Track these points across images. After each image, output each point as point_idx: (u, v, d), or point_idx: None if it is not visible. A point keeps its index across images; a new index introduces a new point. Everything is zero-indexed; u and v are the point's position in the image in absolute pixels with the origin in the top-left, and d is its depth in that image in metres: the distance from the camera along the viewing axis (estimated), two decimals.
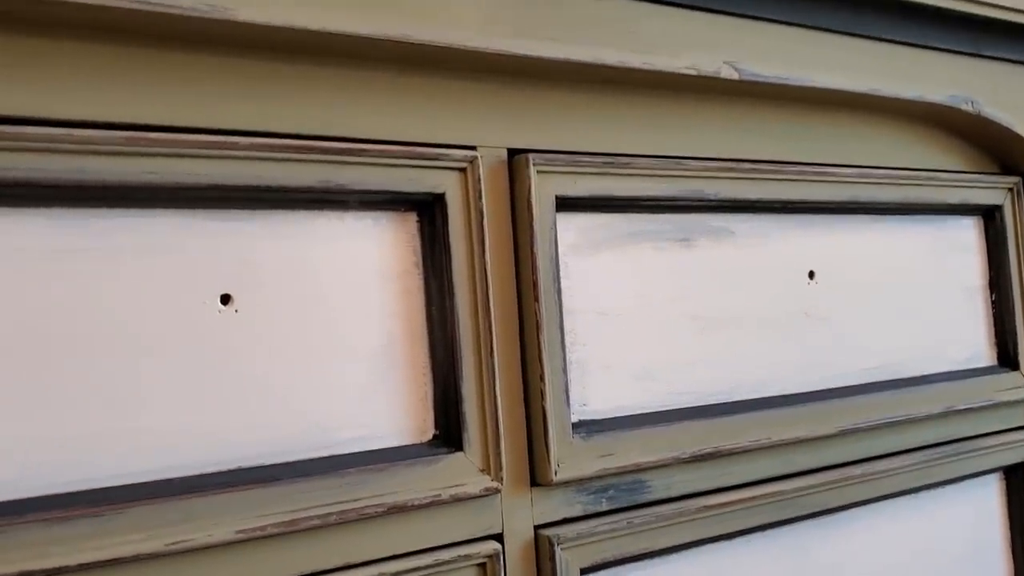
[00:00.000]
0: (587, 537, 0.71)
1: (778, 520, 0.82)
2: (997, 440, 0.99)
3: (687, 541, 0.76)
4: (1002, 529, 1.02)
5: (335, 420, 0.62)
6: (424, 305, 0.65)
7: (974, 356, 1.00)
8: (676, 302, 0.78)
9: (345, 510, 0.60)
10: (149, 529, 0.54)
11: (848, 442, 0.87)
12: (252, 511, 0.57)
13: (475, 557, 0.66)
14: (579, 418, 0.72)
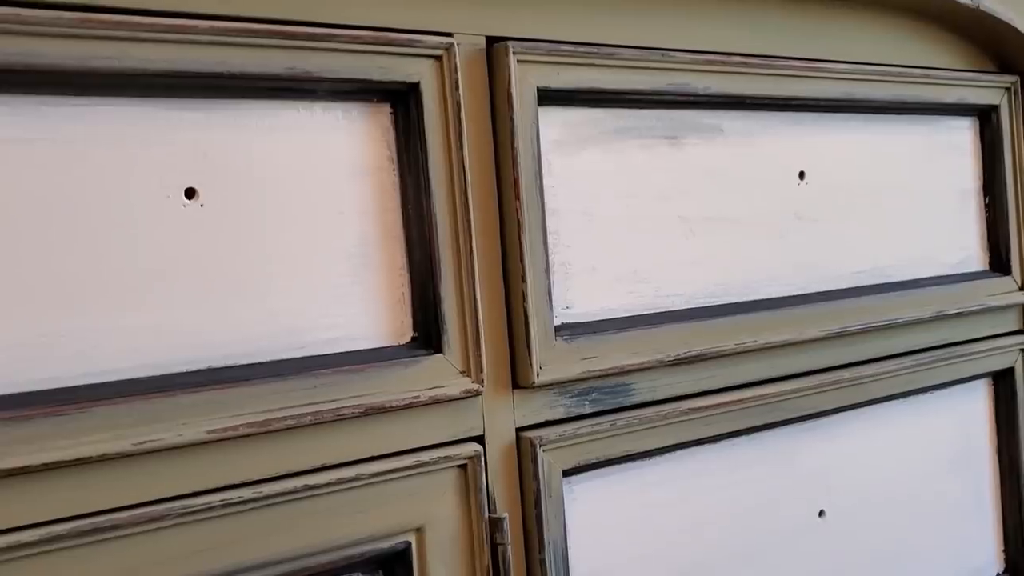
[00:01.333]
0: (569, 439, 0.70)
1: (764, 424, 0.81)
2: (986, 345, 0.98)
3: (671, 444, 0.75)
4: (989, 435, 1.01)
5: (309, 321, 0.60)
6: (400, 203, 0.63)
7: (966, 260, 0.98)
8: (663, 202, 0.76)
9: (321, 411, 0.58)
10: (116, 429, 0.52)
11: (836, 346, 0.86)
12: (224, 411, 0.55)
13: (456, 459, 0.65)
14: (562, 321, 0.70)
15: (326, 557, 0.60)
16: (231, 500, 0.56)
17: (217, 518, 0.56)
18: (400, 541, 0.63)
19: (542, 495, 0.68)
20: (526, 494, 0.68)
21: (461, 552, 0.65)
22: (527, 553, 0.69)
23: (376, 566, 0.63)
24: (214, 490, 0.56)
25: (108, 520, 0.52)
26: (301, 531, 0.59)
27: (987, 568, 1.01)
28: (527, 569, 0.69)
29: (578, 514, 0.72)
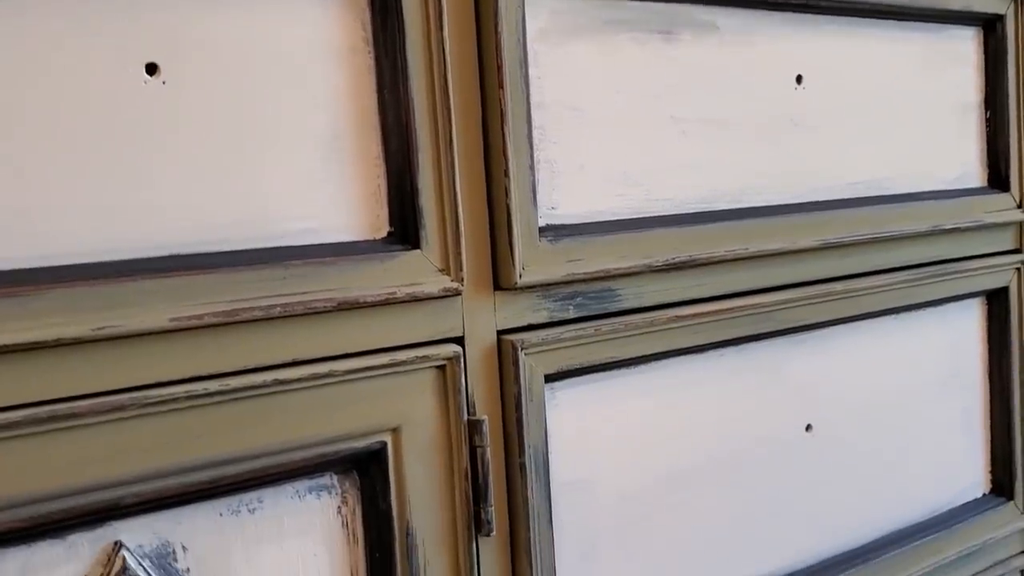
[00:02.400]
0: (552, 343, 0.67)
1: (753, 334, 0.79)
2: (982, 263, 0.96)
3: (657, 352, 0.73)
4: (981, 355, 1.00)
5: (279, 211, 0.57)
6: (375, 87, 0.60)
7: (964, 176, 0.95)
8: (656, 101, 0.73)
9: (290, 303, 0.56)
10: (74, 313, 0.50)
11: (829, 257, 0.84)
12: (188, 299, 0.53)
13: (434, 359, 0.62)
14: (547, 222, 0.68)
15: (299, 454, 0.58)
16: (196, 392, 0.54)
17: (182, 410, 0.54)
18: (375, 441, 0.61)
19: (523, 399, 0.66)
20: (506, 398, 0.66)
21: (439, 454, 0.63)
22: (507, 457, 0.67)
23: (351, 465, 0.61)
24: (179, 381, 0.54)
25: (67, 408, 0.50)
26: (271, 427, 0.57)
27: (973, 489, 1.00)
28: (506, 473, 0.67)
29: (560, 420, 0.70)
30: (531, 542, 0.67)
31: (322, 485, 0.61)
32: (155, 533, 0.55)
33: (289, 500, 0.59)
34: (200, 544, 0.56)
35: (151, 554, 0.55)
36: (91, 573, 0.53)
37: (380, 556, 0.62)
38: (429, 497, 0.63)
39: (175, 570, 0.56)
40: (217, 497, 0.57)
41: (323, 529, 0.61)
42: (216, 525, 0.57)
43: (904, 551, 0.91)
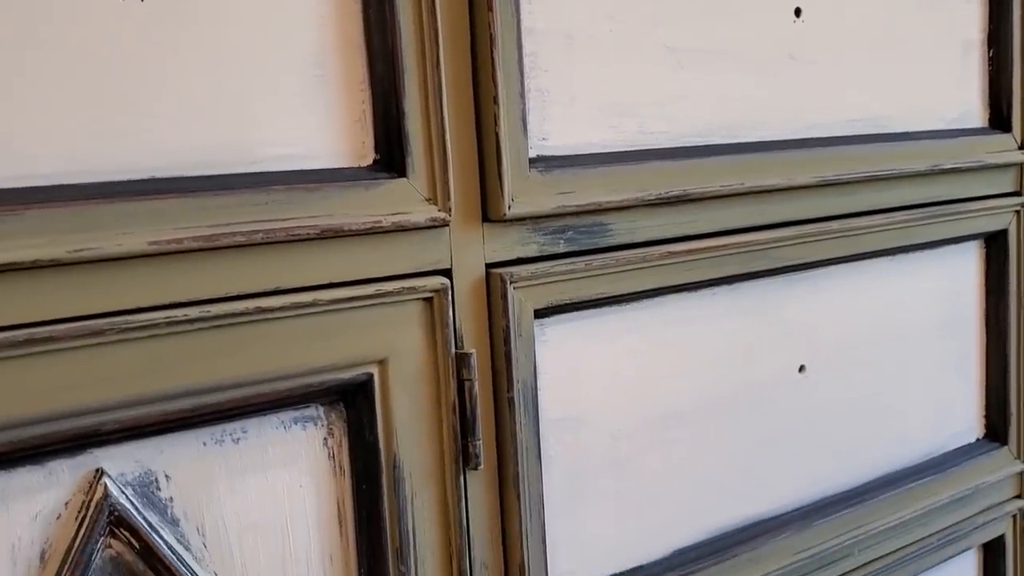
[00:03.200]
0: (542, 278, 0.66)
1: (747, 272, 0.78)
2: (981, 205, 0.94)
3: (649, 288, 0.72)
4: (978, 298, 0.99)
5: (261, 135, 0.56)
6: (361, 8, 0.58)
7: (965, 115, 0.94)
8: (651, 29, 0.71)
9: (272, 229, 0.55)
10: (50, 234, 0.49)
11: (826, 195, 0.82)
12: (167, 223, 0.52)
13: (421, 291, 0.61)
14: (537, 153, 0.66)
15: (283, 385, 0.58)
16: (177, 318, 0.53)
17: (163, 336, 0.53)
18: (362, 373, 0.60)
19: (512, 333, 0.65)
20: (495, 332, 0.66)
21: (426, 387, 0.63)
22: (495, 392, 0.66)
23: (337, 397, 0.61)
24: (159, 307, 0.53)
25: (45, 332, 0.49)
26: (254, 356, 0.56)
27: (967, 433, 1.00)
28: (495, 408, 0.66)
29: (549, 357, 0.69)
30: (519, 477, 0.67)
31: (307, 416, 0.60)
32: (137, 461, 0.55)
33: (274, 431, 0.59)
34: (183, 473, 0.56)
35: (133, 482, 0.54)
36: (72, 500, 0.53)
37: (367, 488, 0.62)
38: (416, 430, 0.63)
39: (158, 499, 0.55)
40: (200, 426, 0.56)
41: (309, 460, 0.60)
42: (199, 454, 0.56)
43: (897, 493, 0.91)
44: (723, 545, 0.80)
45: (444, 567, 0.65)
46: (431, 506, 0.64)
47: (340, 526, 0.62)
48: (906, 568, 0.93)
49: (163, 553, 0.55)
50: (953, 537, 0.97)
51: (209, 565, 0.57)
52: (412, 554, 0.63)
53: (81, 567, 0.53)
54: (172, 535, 0.56)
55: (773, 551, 0.82)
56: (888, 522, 0.90)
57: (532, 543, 0.68)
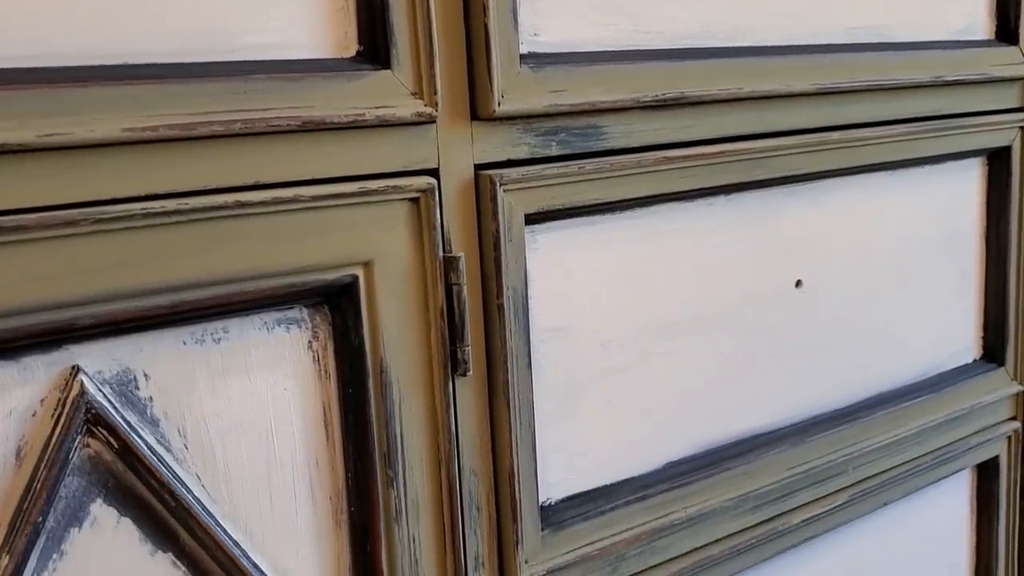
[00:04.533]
0: (533, 181, 0.64)
1: (745, 182, 0.76)
2: (985, 120, 0.92)
3: (644, 196, 0.70)
4: (979, 216, 0.97)
5: (239, 22, 0.54)
6: None
7: (970, 27, 0.91)
8: None
9: (252, 119, 0.53)
10: (18, 118, 0.47)
11: (827, 104, 0.80)
12: (142, 110, 0.50)
13: (407, 190, 0.60)
14: (529, 49, 0.64)
15: (265, 283, 0.56)
16: (154, 210, 0.51)
17: (139, 229, 0.51)
18: (346, 274, 0.59)
19: (502, 238, 0.64)
20: (484, 236, 0.64)
21: (413, 290, 0.61)
22: (484, 298, 0.65)
23: (321, 299, 0.59)
24: (134, 199, 0.51)
25: (14, 220, 0.48)
26: (234, 252, 0.54)
27: (964, 353, 0.99)
28: (484, 315, 0.65)
29: (541, 265, 0.68)
30: (509, 385, 0.65)
31: (291, 318, 0.58)
32: (115, 359, 0.53)
33: (257, 332, 0.57)
34: (163, 372, 0.54)
35: (111, 380, 0.53)
36: (48, 397, 0.51)
37: (353, 393, 0.61)
38: (404, 334, 0.61)
39: (137, 398, 0.54)
40: (180, 324, 0.55)
41: (293, 363, 0.59)
42: (180, 353, 0.55)
43: (892, 412, 0.90)
44: (716, 459, 0.79)
45: (433, 474, 0.64)
46: (419, 412, 0.62)
47: (326, 430, 0.61)
48: (900, 486, 0.92)
49: (142, 453, 0.54)
50: (947, 457, 0.96)
51: (191, 467, 0.56)
52: (400, 460, 0.62)
53: (58, 465, 0.51)
54: (152, 435, 0.55)
55: (766, 466, 0.81)
56: (883, 440, 0.89)
57: (522, 452, 0.67)
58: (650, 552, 0.76)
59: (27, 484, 0.51)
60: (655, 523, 0.75)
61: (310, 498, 0.60)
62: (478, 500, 0.67)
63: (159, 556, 0.56)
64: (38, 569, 0.52)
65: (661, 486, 0.75)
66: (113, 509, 0.54)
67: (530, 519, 0.68)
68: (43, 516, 0.51)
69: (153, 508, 0.55)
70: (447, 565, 0.65)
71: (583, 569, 0.72)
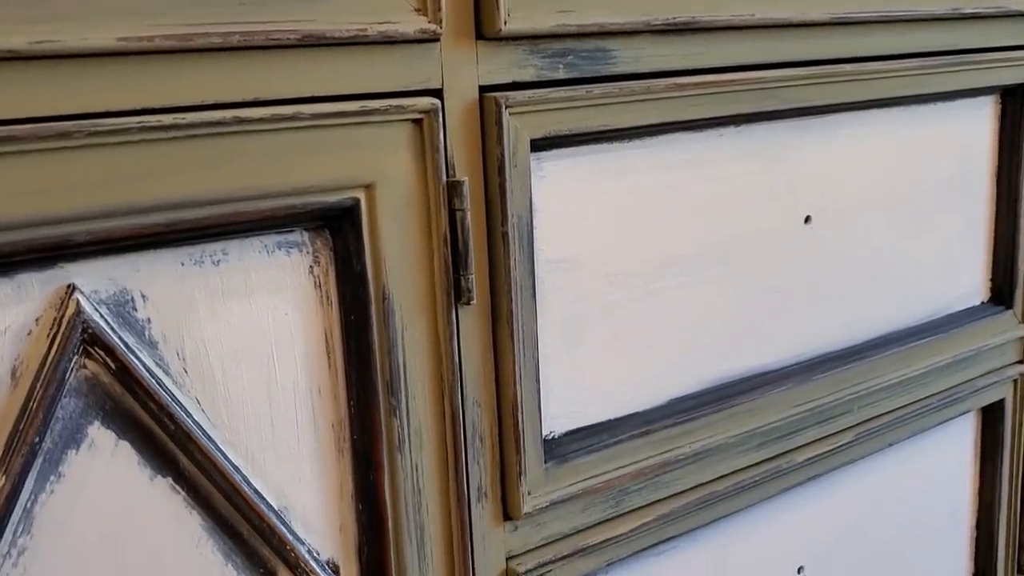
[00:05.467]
0: (540, 104, 0.63)
1: (756, 112, 0.74)
2: (1001, 56, 0.90)
3: (653, 123, 0.69)
4: (991, 156, 0.95)
5: None
6: None
7: None
8: None
9: (251, 31, 0.51)
10: (8, 23, 0.45)
11: (841, 35, 0.78)
12: (138, 19, 0.48)
13: (410, 110, 0.58)
14: None
15: (264, 204, 0.55)
16: (150, 124, 0.50)
17: (135, 144, 0.50)
18: (348, 197, 0.57)
19: (507, 163, 0.62)
20: (489, 160, 0.62)
21: (416, 216, 0.60)
22: (489, 225, 0.63)
23: (322, 222, 0.58)
24: (130, 112, 0.50)
25: (5, 131, 0.46)
26: (233, 171, 0.53)
27: (972, 295, 0.98)
28: (488, 243, 0.64)
29: (546, 194, 0.66)
30: (513, 315, 0.64)
31: (292, 242, 0.57)
32: (111, 279, 0.52)
33: (256, 254, 0.56)
34: (161, 294, 0.53)
35: (108, 301, 0.52)
36: (43, 316, 0.50)
37: (355, 320, 0.59)
38: (406, 261, 0.60)
39: (135, 319, 0.53)
40: (178, 245, 0.53)
41: (294, 288, 0.58)
42: (178, 275, 0.54)
43: (899, 352, 0.89)
44: (721, 395, 0.78)
45: (436, 403, 0.63)
46: (422, 340, 0.61)
47: (328, 358, 0.60)
48: (905, 427, 0.92)
49: (140, 375, 0.53)
50: (953, 399, 0.95)
51: (190, 391, 0.55)
52: (403, 388, 0.61)
53: (55, 385, 0.50)
54: (150, 358, 0.54)
55: (771, 403, 0.80)
56: (889, 380, 0.89)
57: (526, 383, 0.66)
58: (653, 487, 0.75)
59: (23, 404, 0.50)
60: (659, 458, 0.74)
61: (312, 425, 0.60)
62: (481, 431, 0.66)
63: (158, 480, 0.55)
64: (35, 491, 0.51)
65: (665, 421, 0.75)
66: (111, 432, 0.53)
67: (533, 451, 0.68)
68: (40, 437, 0.50)
69: (152, 431, 0.54)
70: (450, 495, 0.64)
71: (586, 502, 0.72)
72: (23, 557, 0.51)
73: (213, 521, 0.57)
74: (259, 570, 0.59)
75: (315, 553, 0.61)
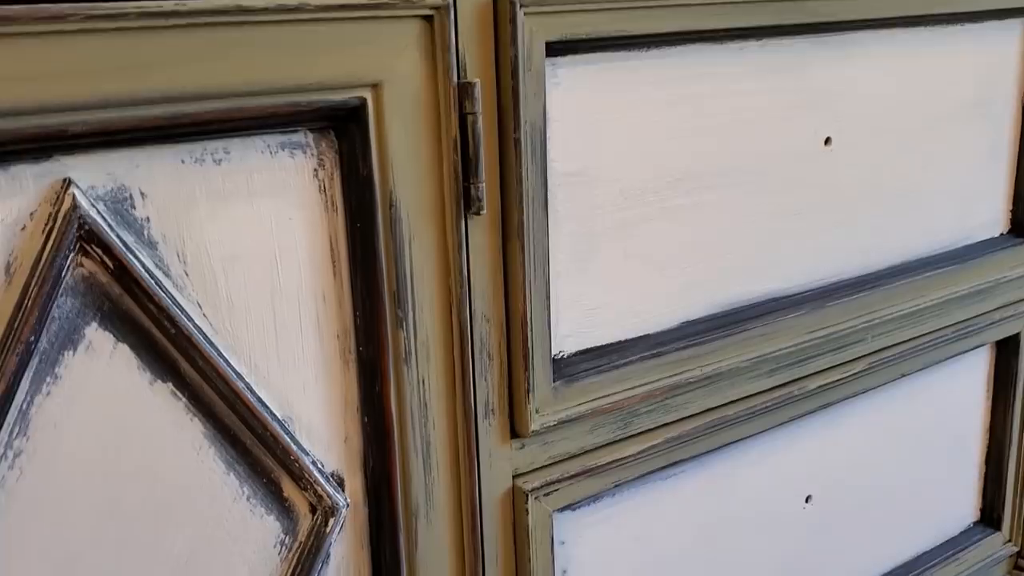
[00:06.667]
0: (556, 4, 0.60)
1: (777, 25, 0.71)
2: None
3: (672, 31, 0.66)
4: (1017, 81, 0.92)
5: None
6: None
7: None
8: None
9: None
10: None
11: None
12: None
13: (419, 6, 0.55)
14: None
15: (267, 100, 0.52)
16: (150, 10, 0.47)
17: (134, 31, 0.47)
18: (354, 96, 0.55)
19: (520, 65, 0.60)
20: (502, 63, 0.60)
21: (425, 118, 0.58)
22: (500, 132, 0.61)
23: (327, 123, 0.56)
24: None
25: None
26: (236, 64, 0.51)
27: (992, 225, 0.95)
28: (500, 150, 0.61)
29: (561, 102, 0.64)
30: (524, 227, 0.62)
31: (296, 143, 0.55)
32: (109, 174, 0.50)
33: (259, 155, 0.54)
34: (161, 192, 0.51)
35: (105, 197, 0.50)
36: (38, 211, 0.48)
37: (361, 227, 0.58)
38: (414, 166, 0.58)
39: (134, 218, 0.51)
40: (177, 141, 0.51)
41: (298, 192, 0.56)
42: (178, 173, 0.52)
43: (916, 281, 0.87)
44: (734, 319, 0.76)
45: (443, 316, 0.61)
46: (430, 250, 0.60)
47: (333, 266, 0.58)
48: (919, 358, 0.90)
49: (139, 275, 0.51)
50: (968, 331, 0.94)
51: (191, 294, 0.53)
52: (410, 299, 0.59)
53: (50, 282, 0.49)
54: (150, 258, 0.52)
55: (785, 328, 0.79)
56: (904, 309, 0.87)
57: (536, 299, 0.64)
58: (663, 410, 0.74)
59: (18, 301, 0.48)
60: (669, 380, 0.73)
61: (317, 334, 0.58)
62: (489, 347, 0.64)
63: (158, 386, 0.53)
64: (32, 391, 0.50)
65: (677, 344, 0.73)
66: (109, 334, 0.51)
67: (542, 369, 0.66)
68: (35, 336, 0.49)
69: (151, 335, 0.53)
70: (457, 410, 0.63)
71: (594, 423, 0.70)
72: (19, 459, 0.50)
73: (215, 429, 0.56)
74: (262, 480, 0.58)
75: (319, 464, 0.59)
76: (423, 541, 0.64)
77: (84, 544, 0.53)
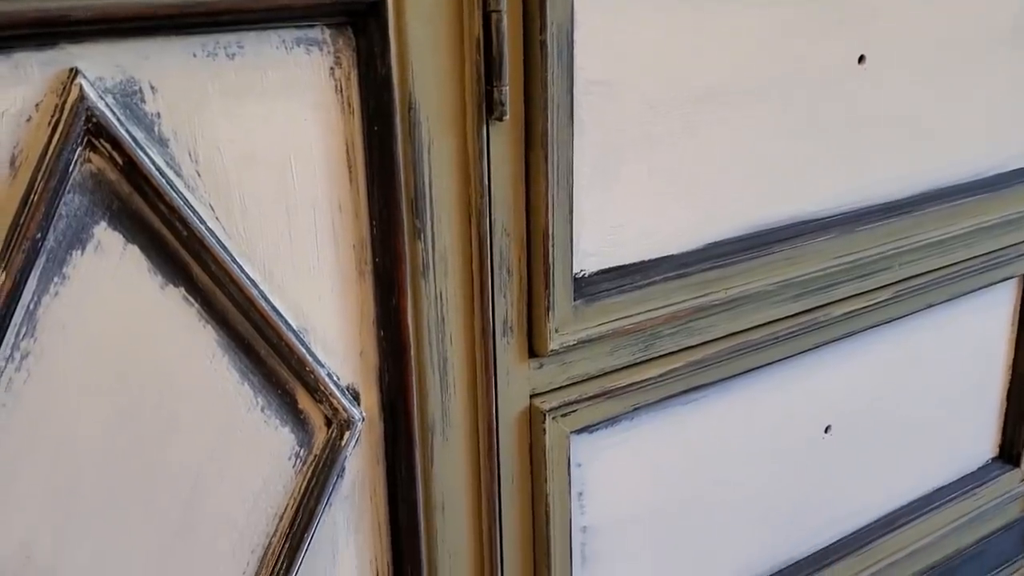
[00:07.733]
0: None
1: None
2: None
3: None
4: None
5: None
6: None
7: None
8: None
9: None
10: None
11: None
12: None
13: None
14: None
15: None
16: None
17: None
18: None
19: None
20: None
21: (447, 15, 0.55)
22: (526, 32, 0.58)
23: (345, 19, 0.53)
24: None
25: None
26: None
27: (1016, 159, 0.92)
28: (525, 53, 0.59)
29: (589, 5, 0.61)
30: (548, 136, 0.60)
31: (312, 39, 0.52)
32: (117, 66, 0.47)
33: (274, 50, 0.51)
34: (171, 87, 0.49)
35: (114, 90, 0.48)
36: (44, 102, 0.46)
37: (379, 130, 0.55)
38: (435, 67, 0.55)
39: (143, 113, 0.49)
40: (189, 32, 0.49)
41: (314, 91, 0.53)
42: (190, 67, 0.49)
43: (945, 208, 0.85)
44: (760, 242, 0.74)
45: (463, 227, 0.59)
46: (450, 156, 0.57)
47: (349, 172, 0.56)
48: (945, 289, 0.88)
49: (150, 173, 0.49)
50: (996, 263, 0.91)
51: (204, 196, 0.51)
52: (428, 209, 0.57)
53: (57, 177, 0.47)
54: (160, 156, 0.50)
55: (812, 252, 0.77)
56: (932, 237, 0.84)
57: (558, 214, 0.62)
58: (686, 332, 0.72)
59: (23, 196, 0.46)
60: (692, 303, 0.71)
61: (332, 243, 0.56)
62: (509, 262, 0.62)
63: (169, 290, 0.52)
64: (39, 291, 0.48)
65: (701, 265, 0.71)
66: (118, 234, 0.50)
67: (563, 287, 0.64)
68: (42, 233, 0.47)
69: (162, 236, 0.51)
70: (475, 326, 0.61)
71: (615, 344, 0.69)
72: (26, 361, 0.48)
73: (228, 337, 0.54)
74: (277, 391, 0.56)
75: (335, 377, 0.58)
76: (439, 458, 0.62)
77: (92, 451, 0.51)
